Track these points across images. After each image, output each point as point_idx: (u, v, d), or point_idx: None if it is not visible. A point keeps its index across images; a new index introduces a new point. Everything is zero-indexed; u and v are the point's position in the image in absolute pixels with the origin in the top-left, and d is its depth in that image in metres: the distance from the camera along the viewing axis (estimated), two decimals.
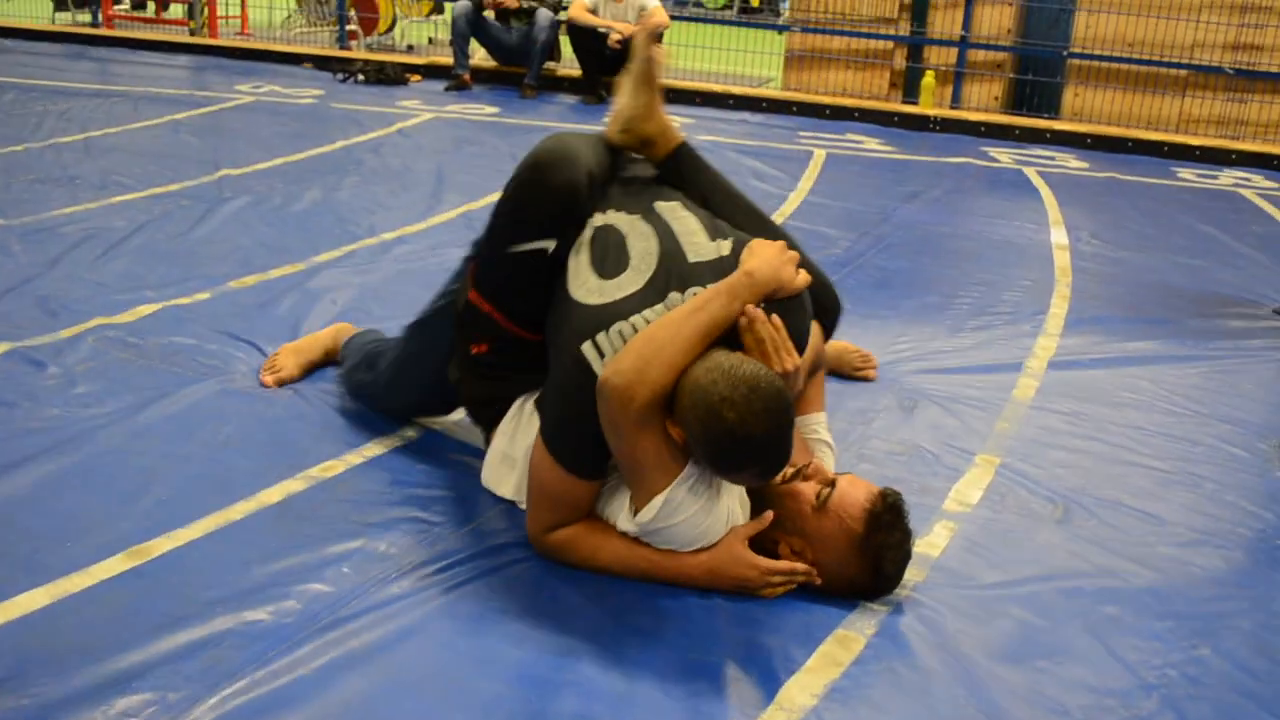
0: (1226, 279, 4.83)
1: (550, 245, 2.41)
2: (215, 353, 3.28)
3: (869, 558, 2.22)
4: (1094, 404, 3.37)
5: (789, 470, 2.26)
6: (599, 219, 2.45)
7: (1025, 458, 2.99)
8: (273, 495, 2.55)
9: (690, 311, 2.19)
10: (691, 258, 2.34)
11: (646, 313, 2.25)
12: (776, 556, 2.27)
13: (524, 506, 2.45)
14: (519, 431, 2.51)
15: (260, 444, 2.78)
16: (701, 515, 2.20)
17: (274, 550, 2.32)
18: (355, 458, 2.74)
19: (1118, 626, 2.27)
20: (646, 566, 2.27)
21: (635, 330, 2.22)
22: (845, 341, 3.46)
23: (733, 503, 2.26)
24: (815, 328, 2.48)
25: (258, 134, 6.56)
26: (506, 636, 2.11)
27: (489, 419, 2.61)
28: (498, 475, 2.56)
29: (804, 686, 2.03)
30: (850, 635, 2.18)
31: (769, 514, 2.25)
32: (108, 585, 2.18)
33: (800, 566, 2.26)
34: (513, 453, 2.51)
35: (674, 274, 2.31)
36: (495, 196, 5.25)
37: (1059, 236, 5.33)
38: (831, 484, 2.27)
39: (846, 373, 3.40)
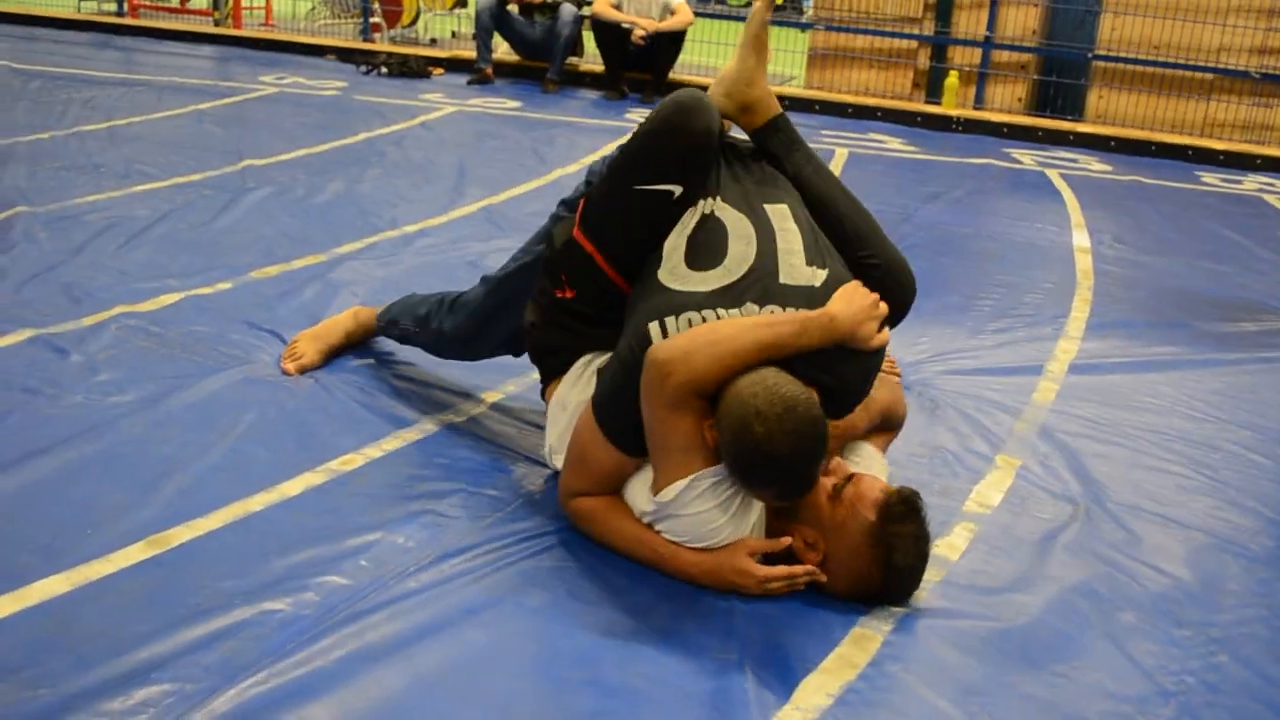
0: (1249, 285, 4.81)
1: (676, 190, 2.39)
2: (237, 342, 3.30)
3: (880, 548, 2.20)
4: (1114, 408, 3.36)
5: None
6: (708, 205, 2.43)
7: (1045, 461, 2.98)
8: (293, 487, 2.55)
9: (759, 323, 2.20)
10: (783, 279, 2.31)
11: (720, 311, 2.26)
12: (789, 551, 2.26)
13: (558, 462, 2.49)
14: (579, 385, 2.51)
15: (281, 435, 2.79)
16: (717, 514, 2.21)
17: (293, 542, 2.33)
18: (374, 451, 2.75)
19: (1136, 632, 2.26)
20: (651, 556, 2.29)
21: (704, 322, 2.25)
22: None
23: (751, 515, 2.25)
24: (893, 387, 2.54)
25: (281, 125, 6.58)
26: (525, 633, 2.12)
27: (552, 368, 2.62)
28: (550, 418, 2.57)
29: (820, 686, 2.03)
30: (867, 635, 2.18)
31: (785, 540, 2.25)
32: (127, 574, 2.19)
33: (800, 570, 2.24)
34: (568, 402, 2.51)
35: (760, 287, 2.29)
36: (517, 190, 5.27)
37: (1081, 239, 5.31)
38: (849, 478, 2.27)
39: None
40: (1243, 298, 4.61)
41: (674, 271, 2.35)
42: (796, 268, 2.33)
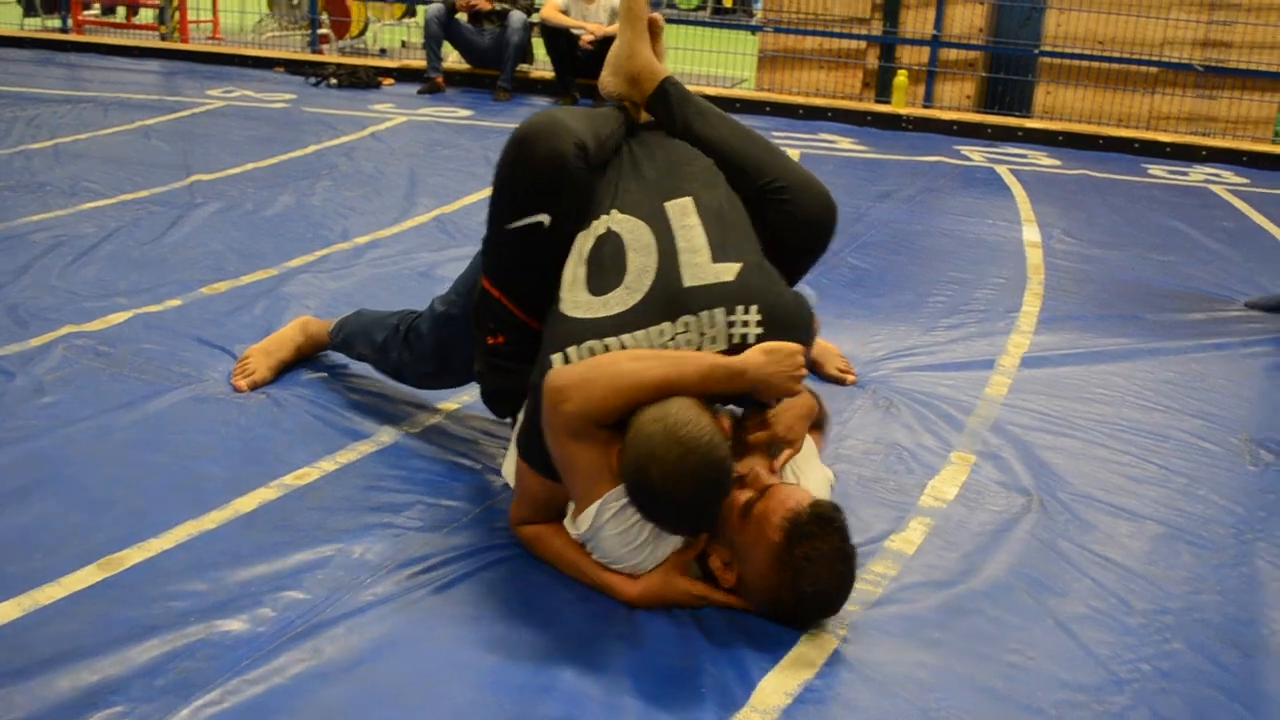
0: (1197, 274, 4.87)
1: (544, 219, 2.38)
2: (188, 359, 3.27)
3: (786, 572, 2.08)
4: (1066, 400, 3.39)
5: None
6: (604, 221, 2.39)
7: (999, 454, 3.00)
8: (247, 503, 2.54)
9: (667, 359, 2.16)
10: (688, 282, 2.27)
11: (625, 337, 2.23)
12: (708, 568, 2.22)
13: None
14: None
15: (234, 451, 2.77)
16: (634, 533, 2.18)
17: (248, 558, 2.32)
18: (329, 464, 2.73)
19: (1089, 622, 2.29)
20: (591, 583, 2.27)
21: (607, 350, 2.21)
22: (829, 343, 3.48)
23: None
24: (809, 403, 2.45)
25: (229, 139, 6.53)
26: (484, 642, 2.11)
27: (504, 413, 2.63)
28: (509, 455, 2.55)
29: (778, 686, 2.03)
30: (824, 633, 2.19)
31: (703, 537, 2.21)
32: (79, 597, 2.16)
33: (718, 596, 2.20)
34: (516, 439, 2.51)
35: (665, 299, 2.25)
36: (469, 199, 5.25)
37: (1031, 234, 5.36)
38: (764, 491, 2.17)
39: (826, 375, 3.41)
40: (1191, 287, 4.67)
41: (575, 300, 2.31)
42: (701, 267, 2.28)
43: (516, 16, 8.60)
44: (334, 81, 8.69)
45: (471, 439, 2.92)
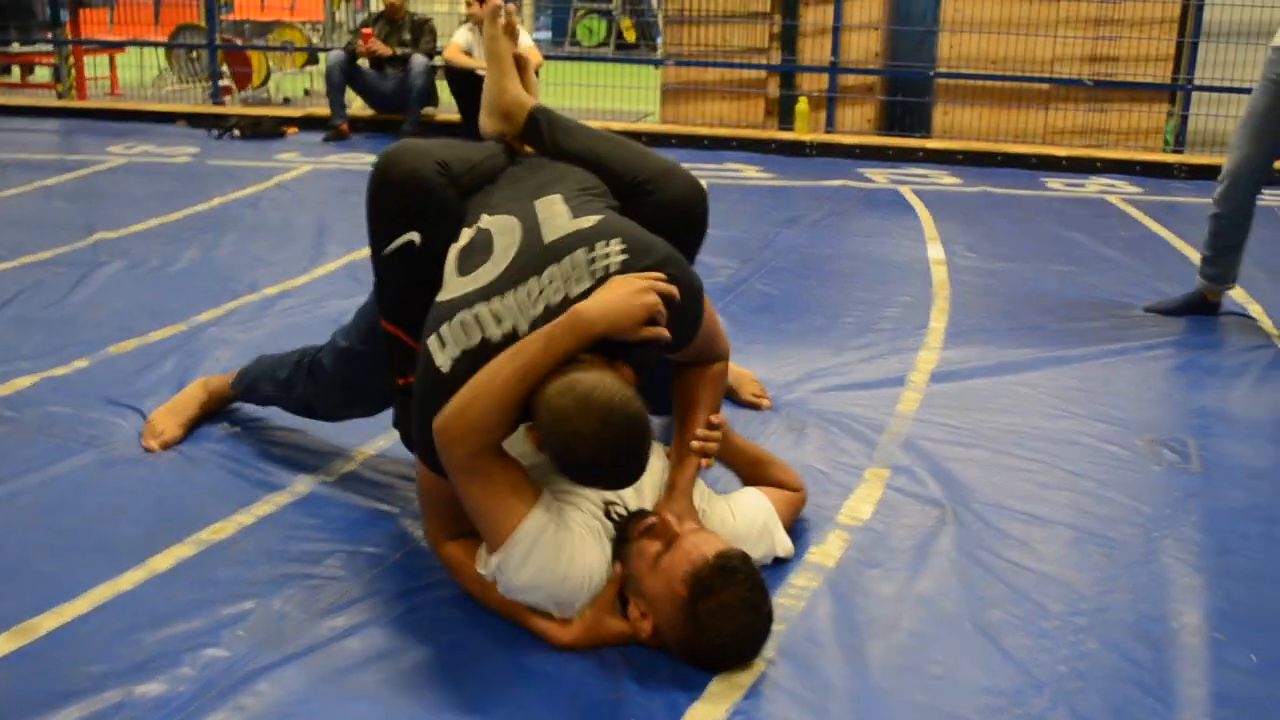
0: (1097, 283, 5.00)
1: (414, 237, 2.43)
2: (96, 421, 3.22)
3: (692, 626, 2.08)
4: (975, 412, 3.46)
5: (639, 526, 2.21)
6: (474, 226, 2.41)
7: (912, 469, 3.06)
8: (163, 561, 2.50)
9: (509, 355, 2.13)
10: (548, 238, 2.28)
11: (494, 301, 2.21)
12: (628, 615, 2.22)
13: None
14: None
15: (147, 511, 2.73)
16: (553, 566, 2.18)
17: (166, 618, 2.28)
18: (245, 518, 2.71)
19: (1007, 627, 2.34)
20: (521, 622, 2.25)
21: (478, 320, 2.19)
22: (744, 369, 3.52)
23: (588, 559, 2.20)
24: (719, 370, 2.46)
25: (132, 195, 6.44)
26: (409, 688, 2.10)
27: (419, 454, 2.57)
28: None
29: (707, 713, 2.05)
30: None
31: (618, 567, 2.20)
32: None
33: (647, 638, 2.18)
34: None
35: (530, 259, 2.26)
36: None
37: (936, 252, 5.47)
38: (670, 542, 2.16)
39: (741, 400, 3.44)
40: (1091, 296, 4.79)
41: (448, 287, 2.32)
42: (561, 225, 2.30)
43: (419, 60, 8.61)
44: (237, 133, 8.62)
45: (388, 484, 2.91)
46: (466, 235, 2.41)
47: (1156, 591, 2.49)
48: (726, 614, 2.08)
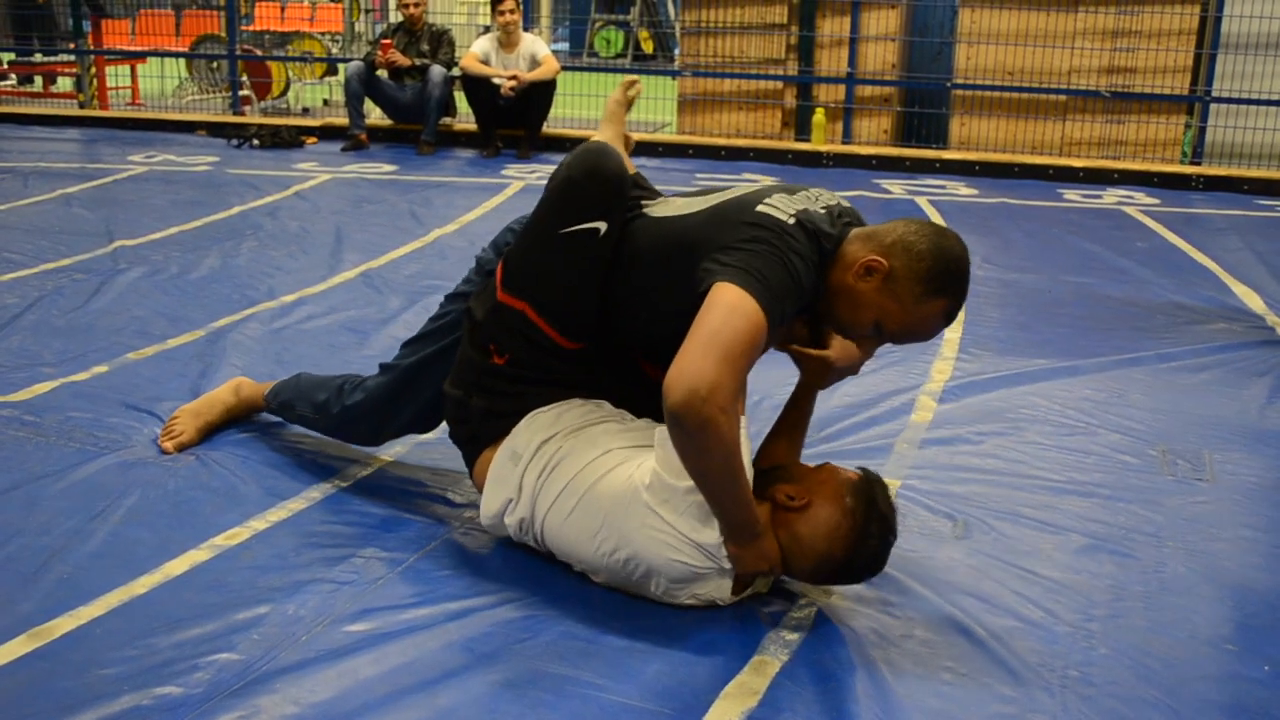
0: (1112, 294, 4.99)
1: (603, 226, 2.46)
2: (115, 426, 3.24)
3: (860, 495, 2.30)
4: (989, 422, 3.46)
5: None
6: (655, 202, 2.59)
7: (925, 478, 3.06)
8: (178, 566, 2.52)
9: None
10: (749, 189, 2.48)
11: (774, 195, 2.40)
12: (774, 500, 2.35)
13: (510, 522, 2.50)
14: (534, 428, 2.50)
15: (163, 515, 2.75)
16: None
17: (180, 622, 2.30)
18: (260, 523, 2.73)
19: (1018, 633, 2.34)
20: (738, 512, 2.27)
21: (786, 198, 2.39)
22: None
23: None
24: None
25: (152, 204, 6.49)
26: (421, 691, 2.11)
27: (489, 436, 2.58)
28: (496, 476, 2.53)
29: (722, 715, 2.05)
30: (766, 661, 2.22)
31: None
32: (8, 669, 2.14)
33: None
34: (522, 449, 2.49)
35: (752, 191, 2.45)
36: (396, 253, 5.25)
37: None
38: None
39: None
40: (1107, 307, 4.79)
41: (672, 205, 2.55)
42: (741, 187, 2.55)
43: (437, 71, 8.66)
44: (256, 142, 8.68)
45: (403, 490, 2.92)
46: (657, 199, 2.60)
47: (1168, 601, 2.49)
48: (885, 493, 2.33)
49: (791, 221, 2.33)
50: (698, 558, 2.28)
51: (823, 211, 2.42)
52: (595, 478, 2.38)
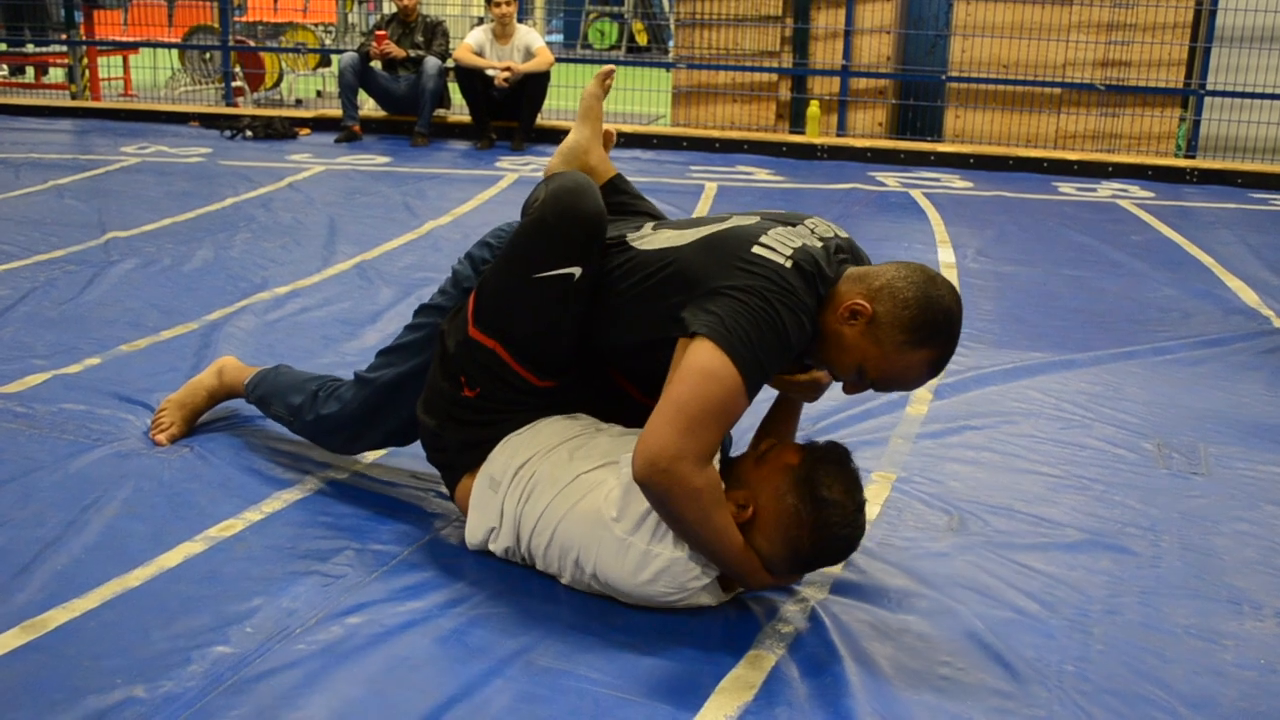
0: (1107, 288, 4.99)
1: (577, 271, 2.39)
2: (108, 418, 3.23)
3: (804, 485, 2.22)
4: (984, 416, 3.46)
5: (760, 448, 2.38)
6: (643, 227, 2.56)
7: (920, 472, 3.06)
8: (171, 558, 2.51)
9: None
10: (742, 220, 2.43)
11: (776, 228, 2.36)
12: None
13: (496, 546, 2.47)
14: (510, 450, 2.47)
15: (157, 507, 2.74)
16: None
17: (174, 614, 2.29)
18: (254, 515, 2.72)
19: (1014, 627, 2.33)
20: (735, 562, 2.27)
21: (788, 232, 2.34)
22: None
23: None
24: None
25: (145, 195, 6.47)
26: (417, 686, 2.10)
27: (465, 464, 2.55)
28: (478, 502, 2.50)
29: (718, 709, 2.05)
30: (761, 655, 2.22)
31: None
32: (2, 662, 2.12)
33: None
34: (500, 475, 2.46)
35: (750, 221, 2.41)
36: (390, 245, 5.24)
37: (946, 255, 5.47)
38: (771, 446, 2.37)
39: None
40: (1102, 300, 4.79)
41: (668, 234, 2.47)
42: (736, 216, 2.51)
43: (431, 62, 8.63)
44: (249, 134, 8.66)
45: (397, 483, 2.92)
46: (644, 227, 2.55)
47: (1164, 595, 2.49)
48: (835, 474, 2.26)
49: (789, 265, 2.25)
50: (676, 578, 2.26)
51: (820, 246, 2.34)
52: (566, 508, 2.36)
